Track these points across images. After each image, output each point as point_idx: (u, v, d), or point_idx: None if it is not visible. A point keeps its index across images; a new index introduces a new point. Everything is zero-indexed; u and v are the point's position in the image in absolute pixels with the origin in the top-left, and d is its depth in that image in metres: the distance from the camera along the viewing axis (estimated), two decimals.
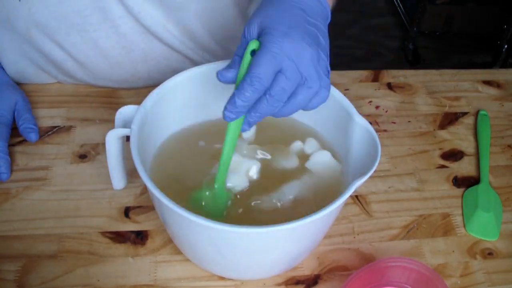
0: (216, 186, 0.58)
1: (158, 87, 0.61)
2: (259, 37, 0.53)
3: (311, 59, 0.53)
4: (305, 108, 0.55)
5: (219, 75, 0.54)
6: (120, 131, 0.58)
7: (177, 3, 0.73)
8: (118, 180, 0.65)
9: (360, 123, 0.58)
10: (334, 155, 0.63)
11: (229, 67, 0.54)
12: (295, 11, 0.55)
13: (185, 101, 0.64)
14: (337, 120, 0.61)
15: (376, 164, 0.53)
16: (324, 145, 0.64)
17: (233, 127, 0.55)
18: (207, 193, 0.59)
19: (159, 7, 0.73)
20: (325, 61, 0.55)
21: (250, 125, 0.54)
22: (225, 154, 0.57)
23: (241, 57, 0.54)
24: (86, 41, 0.74)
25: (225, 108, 0.52)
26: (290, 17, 0.54)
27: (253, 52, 0.53)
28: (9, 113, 0.73)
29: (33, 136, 0.72)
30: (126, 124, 0.59)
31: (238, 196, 0.60)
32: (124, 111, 0.59)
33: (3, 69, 0.79)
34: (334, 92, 0.61)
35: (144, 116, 0.59)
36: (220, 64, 0.63)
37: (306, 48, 0.52)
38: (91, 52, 0.75)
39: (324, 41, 0.56)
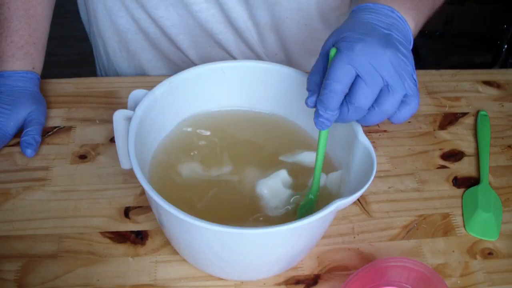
0: (313, 189, 0.59)
1: (172, 76, 0.62)
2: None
3: (390, 61, 0.50)
4: (393, 118, 0.53)
5: (306, 103, 0.55)
6: (126, 112, 0.58)
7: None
8: (125, 160, 0.64)
9: (363, 142, 0.57)
10: (334, 162, 0.63)
11: (309, 92, 0.55)
12: (369, 25, 0.54)
13: (198, 94, 0.65)
14: (343, 134, 0.60)
15: (365, 188, 0.52)
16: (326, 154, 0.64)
17: (324, 133, 0.55)
18: (310, 196, 0.59)
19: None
20: (408, 65, 0.52)
21: (341, 122, 0.54)
22: (318, 161, 0.57)
23: (319, 75, 0.54)
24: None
25: (314, 118, 0.53)
26: (363, 28, 0.53)
27: None
28: (12, 127, 0.72)
29: (28, 152, 0.70)
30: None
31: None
32: (137, 94, 0.60)
33: (38, 78, 0.78)
34: None
35: (152, 102, 0.59)
36: (239, 63, 0.65)
37: (383, 50, 0.50)
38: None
39: (404, 49, 0.52)
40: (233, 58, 0.87)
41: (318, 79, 0.54)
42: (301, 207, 0.59)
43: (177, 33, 0.84)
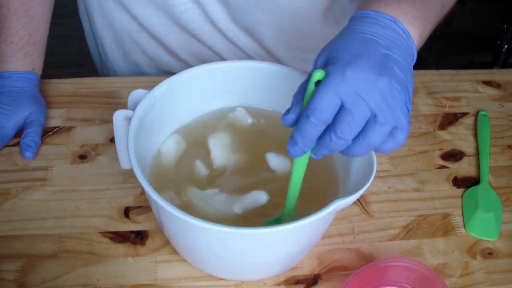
0: (285, 215, 0.57)
1: (172, 76, 0.62)
2: (324, 68, 0.49)
3: (380, 91, 0.46)
4: (378, 150, 0.49)
5: (282, 120, 0.51)
6: (126, 112, 0.58)
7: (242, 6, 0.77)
8: (125, 160, 0.64)
9: None
10: (332, 164, 0.63)
11: (288, 109, 0.50)
12: (367, 41, 0.49)
13: (198, 94, 0.65)
14: None
15: (365, 188, 0.52)
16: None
17: (299, 159, 0.52)
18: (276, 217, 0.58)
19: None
20: (402, 95, 0.48)
21: (317, 157, 0.51)
22: (292, 186, 0.54)
23: (302, 96, 0.49)
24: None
25: (288, 143, 0.49)
26: (358, 45, 0.49)
27: (318, 84, 0.48)
28: (12, 128, 0.72)
29: (28, 155, 0.70)
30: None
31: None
32: (137, 94, 0.60)
33: (38, 79, 0.78)
34: None
35: (152, 102, 0.59)
36: (239, 63, 0.64)
37: (374, 78, 0.46)
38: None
39: (402, 74, 0.48)
40: (223, 59, 0.87)
41: (300, 98, 0.50)
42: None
43: (166, 31, 0.84)
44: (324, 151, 0.49)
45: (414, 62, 0.52)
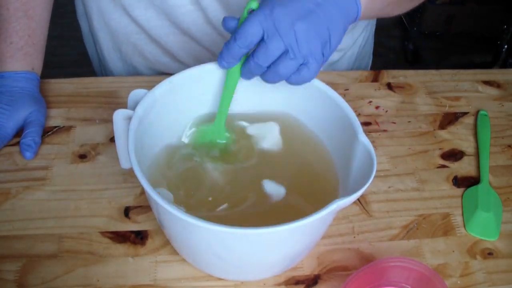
0: (216, 123, 0.64)
1: (172, 76, 0.62)
2: None
3: (296, 32, 0.54)
4: (288, 81, 0.57)
5: (224, 21, 0.58)
6: (126, 112, 0.58)
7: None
8: (125, 159, 0.64)
9: (363, 142, 0.56)
10: (332, 164, 0.63)
11: (235, 19, 0.58)
12: None
13: (198, 94, 0.65)
14: (343, 133, 0.60)
15: (365, 188, 0.52)
16: (325, 152, 0.64)
17: (231, 73, 0.61)
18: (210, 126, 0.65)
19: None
20: (318, 41, 0.55)
21: (245, 78, 0.60)
22: (224, 96, 0.62)
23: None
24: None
25: (218, 56, 0.58)
26: None
27: (251, 11, 0.56)
28: (12, 128, 0.72)
29: (27, 155, 0.70)
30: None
31: None
32: (137, 94, 0.60)
33: (37, 79, 0.78)
34: (344, 106, 0.60)
35: (152, 102, 0.59)
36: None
37: (295, 20, 0.54)
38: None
39: (326, 22, 0.56)
40: None
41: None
42: None
43: (166, 33, 0.84)
44: (248, 73, 0.59)
45: (355, 19, 0.60)
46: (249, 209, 0.59)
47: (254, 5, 0.56)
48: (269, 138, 0.65)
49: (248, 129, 0.66)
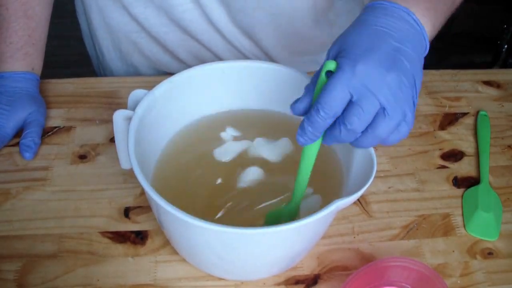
0: (293, 203, 0.57)
1: (172, 76, 0.62)
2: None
3: (389, 85, 0.48)
4: (384, 142, 0.51)
5: (292, 108, 0.52)
6: (126, 112, 0.58)
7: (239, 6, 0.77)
8: (125, 160, 0.64)
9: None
10: (337, 160, 0.63)
11: (299, 98, 0.52)
12: (379, 34, 0.50)
13: (198, 94, 0.65)
14: None
15: (365, 188, 0.52)
16: (326, 153, 0.64)
17: (309, 148, 0.53)
18: (283, 206, 0.58)
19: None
20: (410, 89, 0.49)
21: (327, 144, 0.52)
22: (301, 174, 0.55)
23: (314, 86, 0.51)
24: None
25: (297, 132, 0.51)
26: (370, 39, 0.49)
27: (330, 74, 0.49)
28: (12, 128, 0.72)
29: (27, 156, 0.70)
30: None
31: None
32: (137, 94, 0.60)
33: (37, 79, 0.78)
34: None
35: (152, 102, 0.59)
36: (240, 63, 0.65)
37: (384, 73, 0.47)
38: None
39: (411, 67, 0.49)
40: (221, 59, 0.87)
41: (313, 88, 0.51)
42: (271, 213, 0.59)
43: (165, 32, 0.84)
44: (333, 141, 0.51)
45: (426, 53, 0.53)
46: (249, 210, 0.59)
47: (332, 66, 0.49)
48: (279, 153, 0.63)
49: (260, 149, 0.63)
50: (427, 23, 0.53)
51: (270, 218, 0.58)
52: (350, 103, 0.48)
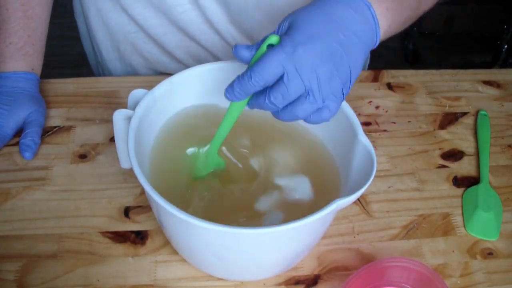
0: (209, 149, 0.61)
1: (172, 76, 0.62)
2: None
3: (319, 76, 0.50)
4: (305, 120, 0.54)
5: (236, 48, 0.54)
6: (126, 112, 0.58)
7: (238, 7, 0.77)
8: (125, 159, 0.63)
9: (363, 142, 0.57)
10: (333, 163, 0.63)
11: (249, 47, 0.54)
12: (329, 25, 0.52)
13: (198, 94, 0.65)
14: (343, 133, 0.60)
15: (365, 188, 0.52)
16: (325, 153, 0.64)
17: (235, 104, 0.56)
18: (201, 150, 0.62)
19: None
20: (339, 82, 0.52)
21: (250, 108, 0.55)
22: (222, 127, 0.58)
23: (258, 48, 0.53)
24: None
25: (226, 88, 0.54)
26: (319, 28, 0.51)
27: (271, 47, 0.52)
28: (11, 128, 0.72)
29: (27, 155, 0.70)
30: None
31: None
32: (137, 94, 0.60)
33: (37, 79, 0.78)
34: (344, 106, 0.59)
35: (152, 102, 0.59)
36: (239, 63, 0.65)
37: (317, 63, 0.50)
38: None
39: (348, 60, 0.52)
40: (219, 60, 0.86)
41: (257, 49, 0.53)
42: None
43: (164, 32, 0.84)
44: (257, 107, 0.54)
45: (374, 47, 0.56)
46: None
47: (274, 40, 0.52)
48: (300, 190, 0.62)
49: (276, 179, 0.63)
50: (384, 23, 0.56)
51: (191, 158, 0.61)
52: (280, 79, 0.51)
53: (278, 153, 0.65)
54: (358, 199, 0.68)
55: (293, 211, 0.59)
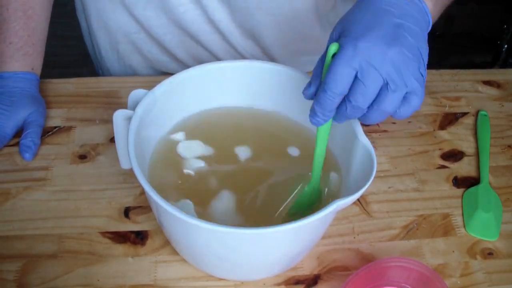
0: (312, 183, 0.59)
1: (172, 76, 0.62)
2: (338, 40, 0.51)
3: (391, 60, 0.49)
4: (395, 116, 0.52)
5: (303, 94, 0.54)
6: (126, 112, 0.58)
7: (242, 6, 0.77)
8: (125, 160, 0.64)
9: (363, 142, 0.57)
10: (335, 163, 0.63)
11: (309, 83, 0.54)
12: (380, 12, 0.51)
13: (198, 94, 0.65)
14: (343, 134, 0.60)
15: (365, 188, 0.52)
16: (328, 152, 0.64)
17: (322, 128, 0.55)
18: (306, 188, 0.60)
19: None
20: (414, 62, 0.50)
21: (339, 122, 0.54)
22: (317, 154, 0.57)
23: (321, 70, 0.52)
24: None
25: (309, 114, 0.53)
26: (371, 17, 0.51)
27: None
28: (11, 128, 0.72)
29: (27, 156, 0.70)
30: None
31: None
32: (137, 94, 0.60)
33: (37, 79, 0.78)
34: None
35: (152, 102, 0.59)
36: (240, 63, 0.65)
37: (385, 48, 0.49)
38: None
39: (415, 41, 0.51)
40: (219, 60, 0.87)
41: (319, 72, 0.53)
42: (298, 199, 0.60)
43: (165, 32, 0.84)
44: (343, 118, 0.53)
45: (429, 29, 0.55)
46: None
47: (334, 48, 0.50)
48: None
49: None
50: (429, 2, 0.55)
51: (296, 206, 0.59)
52: (354, 81, 0.49)
53: (279, 155, 0.65)
54: (358, 200, 0.68)
55: None
